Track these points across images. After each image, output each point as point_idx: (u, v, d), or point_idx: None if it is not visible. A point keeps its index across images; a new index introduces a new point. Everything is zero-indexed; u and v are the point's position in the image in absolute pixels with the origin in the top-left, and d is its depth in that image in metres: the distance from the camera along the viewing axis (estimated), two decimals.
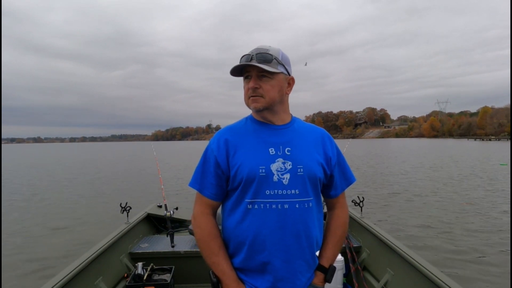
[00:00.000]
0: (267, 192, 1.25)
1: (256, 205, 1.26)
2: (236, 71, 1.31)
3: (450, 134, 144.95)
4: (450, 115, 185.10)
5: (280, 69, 1.28)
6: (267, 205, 1.25)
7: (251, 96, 1.29)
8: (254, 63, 1.25)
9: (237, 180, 1.28)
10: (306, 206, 1.28)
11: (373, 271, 2.91)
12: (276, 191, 1.25)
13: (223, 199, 1.38)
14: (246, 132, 1.34)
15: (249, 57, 1.27)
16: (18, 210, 9.38)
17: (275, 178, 1.26)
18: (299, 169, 1.27)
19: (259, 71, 1.26)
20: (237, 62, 1.30)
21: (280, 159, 1.28)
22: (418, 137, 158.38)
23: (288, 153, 1.29)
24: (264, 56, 1.26)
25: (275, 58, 1.27)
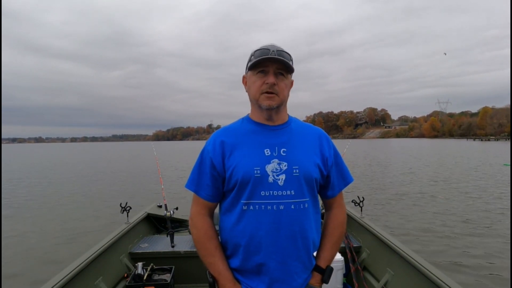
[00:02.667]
0: (262, 193, 1.24)
1: (251, 206, 1.25)
2: (255, 63, 1.27)
3: (450, 134, 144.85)
4: (451, 115, 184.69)
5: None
6: (262, 206, 1.25)
7: (266, 92, 1.26)
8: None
9: (232, 181, 1.27)
10: (302, 207, 1.27)
11: (373, 271, 2.91)
12: (271, 192, 1.25)
13: (220, 200, 1.37)
14: (242, 133, 1.33)
15: (268, 51, 1.25)
16: (18, 210, 9.38)
17: (270, 179, 1.25)
18: (294, 170, 1.26)
19: (278, 68, 1.25)
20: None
21: (276, 160, 1.27)
22: (418, 137, 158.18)
23: (284, 154, 1.28)
24: (283, 54, 1.25)
25: (291, 59, 1.28)
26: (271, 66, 1.25)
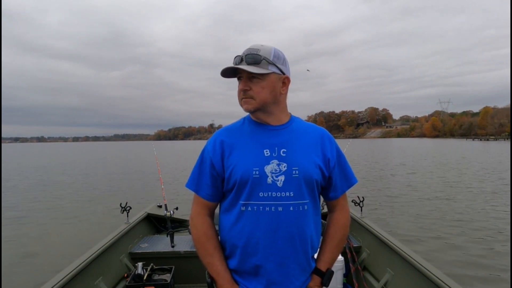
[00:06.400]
0: (261, 194, 1.23)
1: (249, 207, 1.24)
2: (229, 73, 1.28)
3: (451, 134, 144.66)
4: (452, 115, 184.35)
5: (272, 69, 1.24)
6: (261, 207, 1.23)
7: (242, 98, 1.27)
8: (243, 65, 1.23)
9: (231, 181, 1.26)
10: (301, 209, 1.25)
11: (373, 271, 2.91)
12: (270, 193, 1.23)
13: (220, 200, 1.37)
14: (242, 133, 1.32)
15: (239, 58, 1.25)
16: (19, 210, 9.40)
17: (269, 180, 1.23)
18: (294, 171, 1.24)
19: (248, 73, 1.24)
20: (232, 63, 1.28)
21: (275, 161, 1.25)
22: (419, 137, 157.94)
23: (284, 155, 1.26)
24: (253, 57, 1.23)
25: (264, 59, 1.23)
26: (243, 72, 1.25)
